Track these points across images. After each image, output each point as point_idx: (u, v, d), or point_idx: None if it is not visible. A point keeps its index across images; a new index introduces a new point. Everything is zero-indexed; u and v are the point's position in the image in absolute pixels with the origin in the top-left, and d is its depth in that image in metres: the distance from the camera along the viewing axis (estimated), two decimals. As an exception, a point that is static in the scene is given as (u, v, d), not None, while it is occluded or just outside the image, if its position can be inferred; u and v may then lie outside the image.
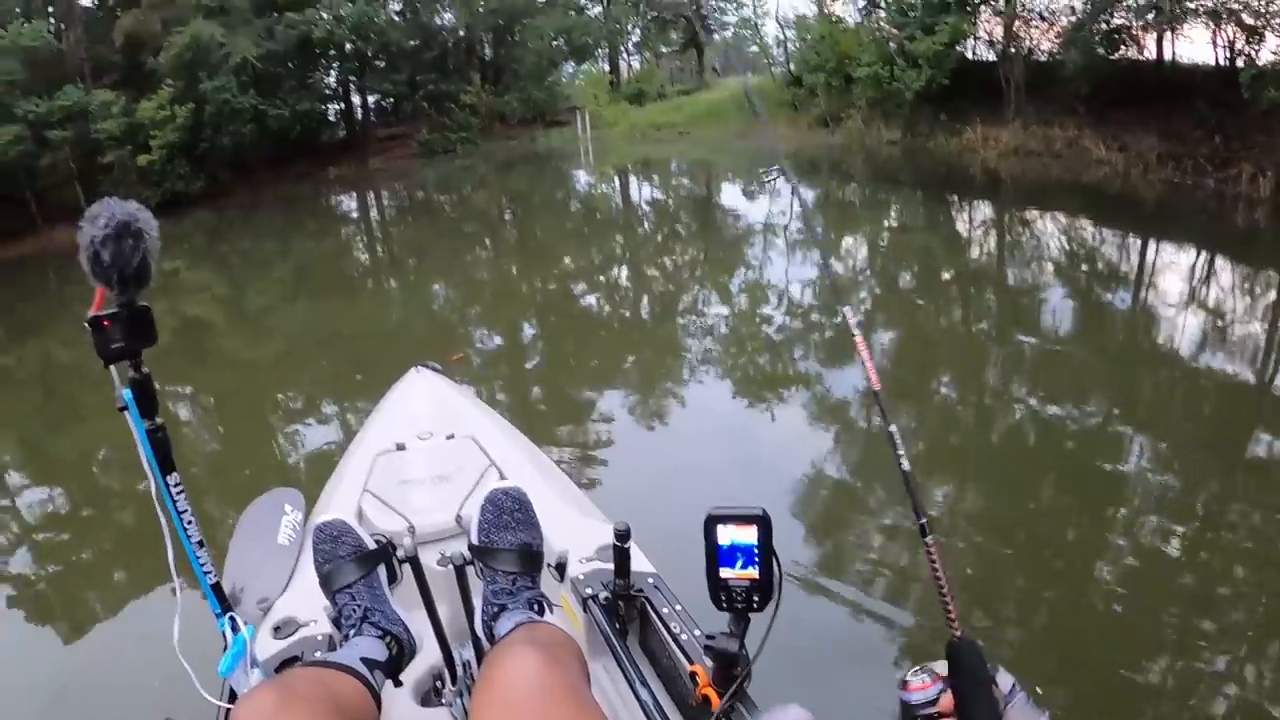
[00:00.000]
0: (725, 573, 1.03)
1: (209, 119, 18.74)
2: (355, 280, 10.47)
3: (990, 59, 16.30)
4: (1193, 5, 12.11)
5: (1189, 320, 5.92)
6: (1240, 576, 2.95)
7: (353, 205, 18.54)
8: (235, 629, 1.25)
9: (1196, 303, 6.32)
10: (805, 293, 7.29)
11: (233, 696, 1.22)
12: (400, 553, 1.21)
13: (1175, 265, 7.77)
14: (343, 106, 24.27)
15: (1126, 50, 13.58)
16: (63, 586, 3.70)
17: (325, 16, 20.47)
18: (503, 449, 1.94)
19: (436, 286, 9.51)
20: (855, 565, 3.07)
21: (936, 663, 0.82)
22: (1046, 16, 15.09)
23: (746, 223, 11.29)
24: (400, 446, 1.95)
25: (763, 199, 13.16)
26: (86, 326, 1.02)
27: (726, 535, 1.02)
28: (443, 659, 1.30)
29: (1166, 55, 13.56)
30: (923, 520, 0.88)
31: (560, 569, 1.41)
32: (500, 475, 1.78)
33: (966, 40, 16.15)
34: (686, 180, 17.32)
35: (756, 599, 1.04)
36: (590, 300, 8.01)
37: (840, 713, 2.28)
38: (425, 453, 1.92)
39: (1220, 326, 5.72)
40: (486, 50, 25.30)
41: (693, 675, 1.17)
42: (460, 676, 1.31)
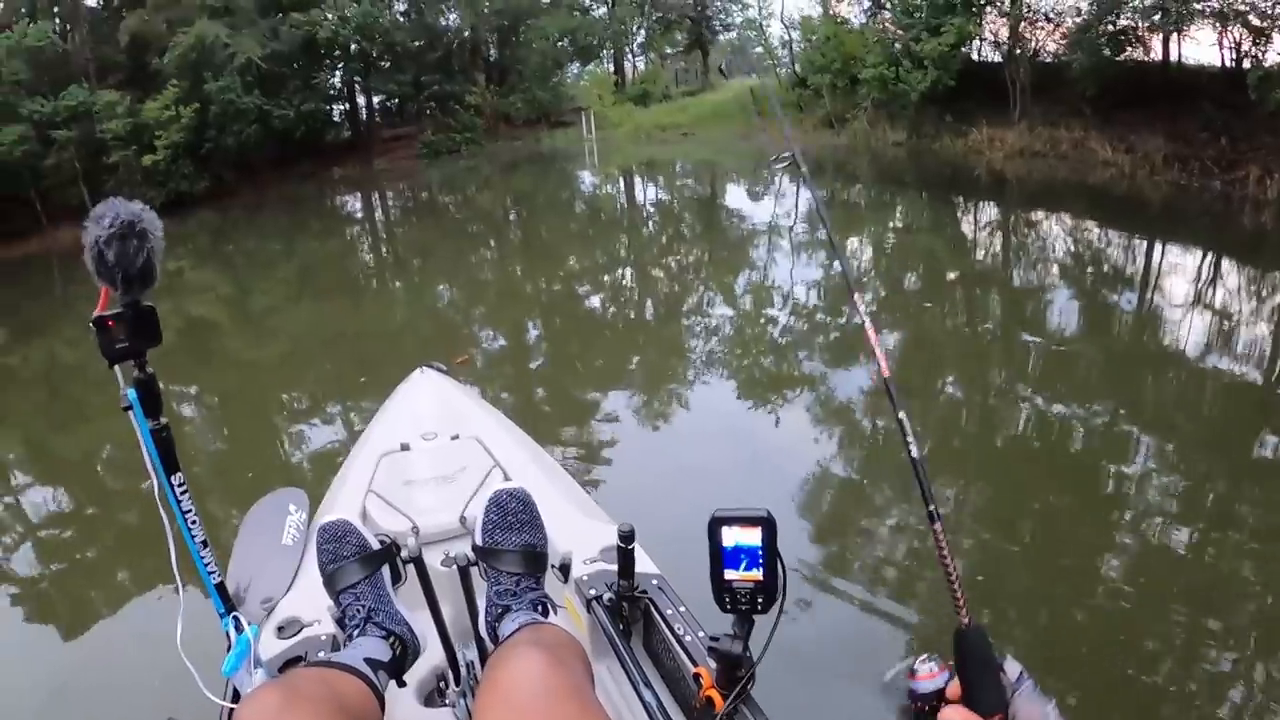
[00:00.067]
0: (729, 574, 1.03)
1: (214, 119, 18.81)
2: (360, 281, 10.48)
3: (996, 60, 16.29)
4: (1199, 6, 12.08)
5: (1195, 322, 5.89)
6: (1246, 575, 2.94)
7: (357, 206, 18.57)
8: (239, 629, 1.24)
9: (1203, 304, 6.30)
10: (810, 293, 7.28)
11: (236, 696, 1.21)
12: (404, 553, 1.21)
13: (1182, 267, 7.74)
14: (347, 107, 24.33)
15: (1132, 52, 13.56)
16: (66, 585, 3.71)
17: (330, 17, 20.53)
18: (507, 449, 1.94)
19: (441, 287, 9.51)
20: (859, 565, 3.07)
21: (941, 652, 0.82)
22: (1052, 17, 15.08)
23: (751, 223, 11.28)
24: (405, 447, 1.95)
25: (767, 200, 13.15)
26: (91, 326, 1.02)
27: (731, 537, 1.02)
28: (446, 660, 1.30)
29: (1172, 57, 13.54)
30: (931, 507, 0.87)
31: (564, 570, 1.41)
32: (504, 476, 1.78)
33: (972, 41, 16.13)
34: (691, 181, 17.31)
35: (761, 601, 1.04)
36: (595, 301, 8.01)
37: (843, 713, 2.28)
38: (429, 453, 1.92)
39: (1227, 328, 5.70)
40: (491, 51, 25.34)
41: (696, 677, 1.17)
42: (464, 677, 1.31)
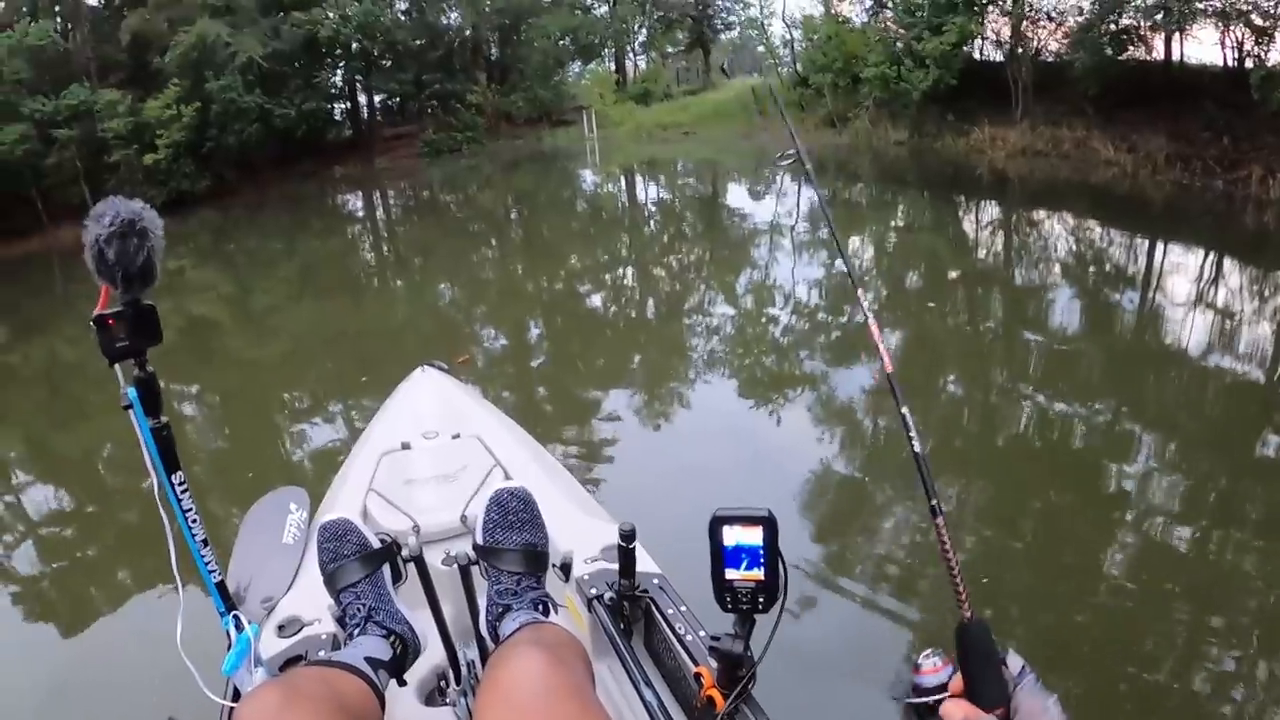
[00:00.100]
0: (730, 574, 1.02)
1: (215, 118, 18.82)
2: (361, 279, 10.48)
3: (998, 59, 16.27)
4: (1201, 6, 12.07)
5: (1197, 321, 5.89)
6: (1248, 572, 2.94)
7: (358, 204, 18.57)
8: (239, 628, 1.24)
9: (1205, 304, 6.29)
10: (812, 292, 7.28)
11: (236, 695, 1.21)
12: (405, 552, 1.20)
13: (1183, 267, 7.73)
14: (348, 106, 24.33)
15: (1135, 51, 13.54)
16: (66, 584, 3.71)
17: (331, 16, 20.52)
18: (508, 448, 1.94)
19: (442, 286, 9.51)
20: (861, 564, 3.06)
21: (945, 646, 0.82)
22: (1054, 17, 15.07)
23: (753, 222, 11.27)
24: (405, 446, 1.95)
25: (769, 199, 13.14)
26: (91, 325, 1.01)
27: (732, 536, 1.01)
28: (447, 659, 1.30)
29: (1175, 56, 13.52)
30: (934, 501, 0.87)
31: (565, 569, 1.41)
32: (505, 475, 1.77)
33: (974, 40, 16.10)
34: (692, 180, 17.31)
35: (762, 600, 1.03)
36: (596, 300, 8.01)
37: (844, 712, 2.28)
38: (430, 452, 1.91)
39: (1229, 328, 5.69)
40: (492, 50, 25.33)
41: (697, 676, 1.16)
42: (465, 676, 1.30)
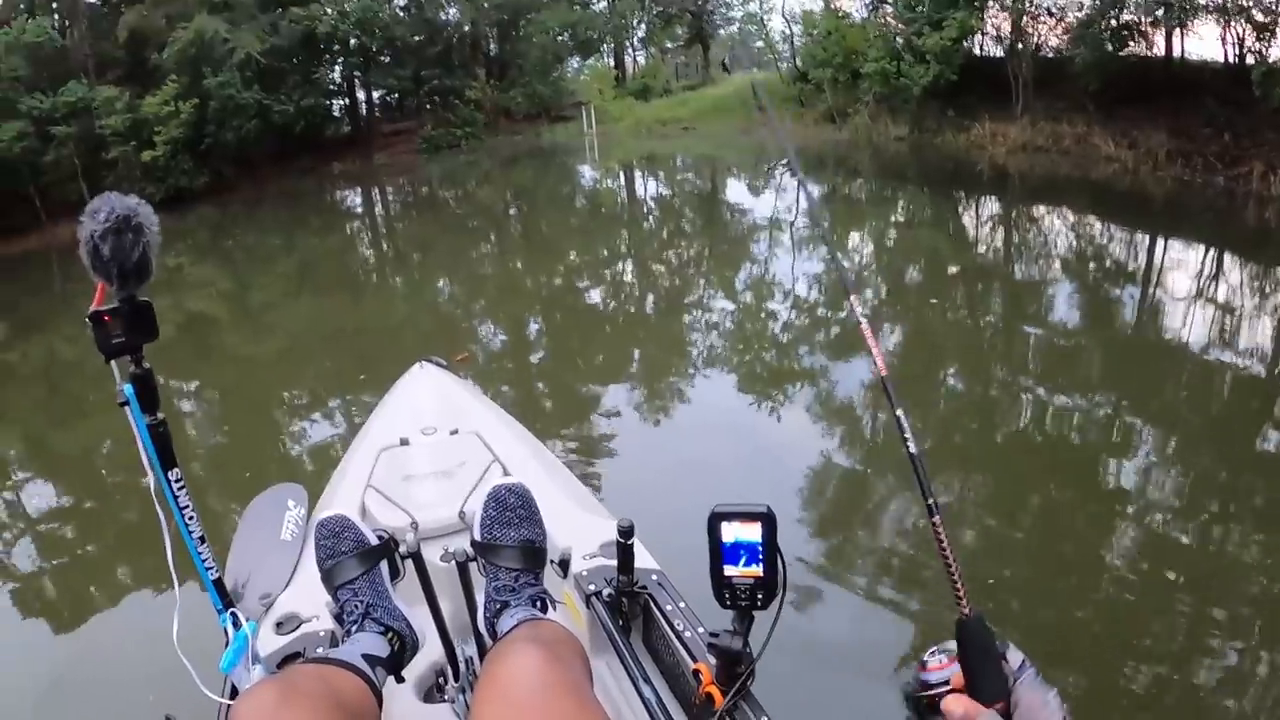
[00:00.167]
0: (729, 570, 1.02)
1: (213, 115, 18.76)
2: (359, 276, 10.47)
3: (998, 55, 16.24)
4: (1202, 1, 12.06)
5: (1198, 316, 5.89)
6: (1248, 564, 2.95)
7: (357, 200, 18.55)
8: (237, 625, 1.24)
9: (1205, 299, 6.29)
10: (811, 288, 7.27)
11: (234, 693, 1.21)
12: (403, 548, 1.20)
13: (1184, 262, 7.73)
14: (347, 102, 24.26)
15: (1135, 47, 13.53)
16: (63, 581, 3.70)
17: (329, 11, 20.45)
18: (506, 445, 1.93)
19: (441, 282, 9.51)
20: (860, 560, 3.07)
21: (951, 643, 0.83)
22: (1054, 12, 15.05)
23: (752, 218, 11.27)
24: (404, 442, 1.94)
25: (768, 195, 13.13)
26: (87, 321, 1.01)
27: (731, 532, 1.01)
28: (445, 655, 1.29)
29: (1175, 52, 13.50)
30: (930, 500, 0.87)
31: (563, 565, 1.40)
32: (504, 471, 1.77)
33: (974, 36, 16.08)
34: (692, 175, 17.29)
35: (760, 596, 1.03)
36: (595, 295, 8.00)
37: (843, 708, 2.28)
38: (429, 448, 1.91)
39: (1229, 323, 5.69)
40: (491, 45, 25.27)
41: (696, 673, 1.16)
42: (463, 673, 1.30)
